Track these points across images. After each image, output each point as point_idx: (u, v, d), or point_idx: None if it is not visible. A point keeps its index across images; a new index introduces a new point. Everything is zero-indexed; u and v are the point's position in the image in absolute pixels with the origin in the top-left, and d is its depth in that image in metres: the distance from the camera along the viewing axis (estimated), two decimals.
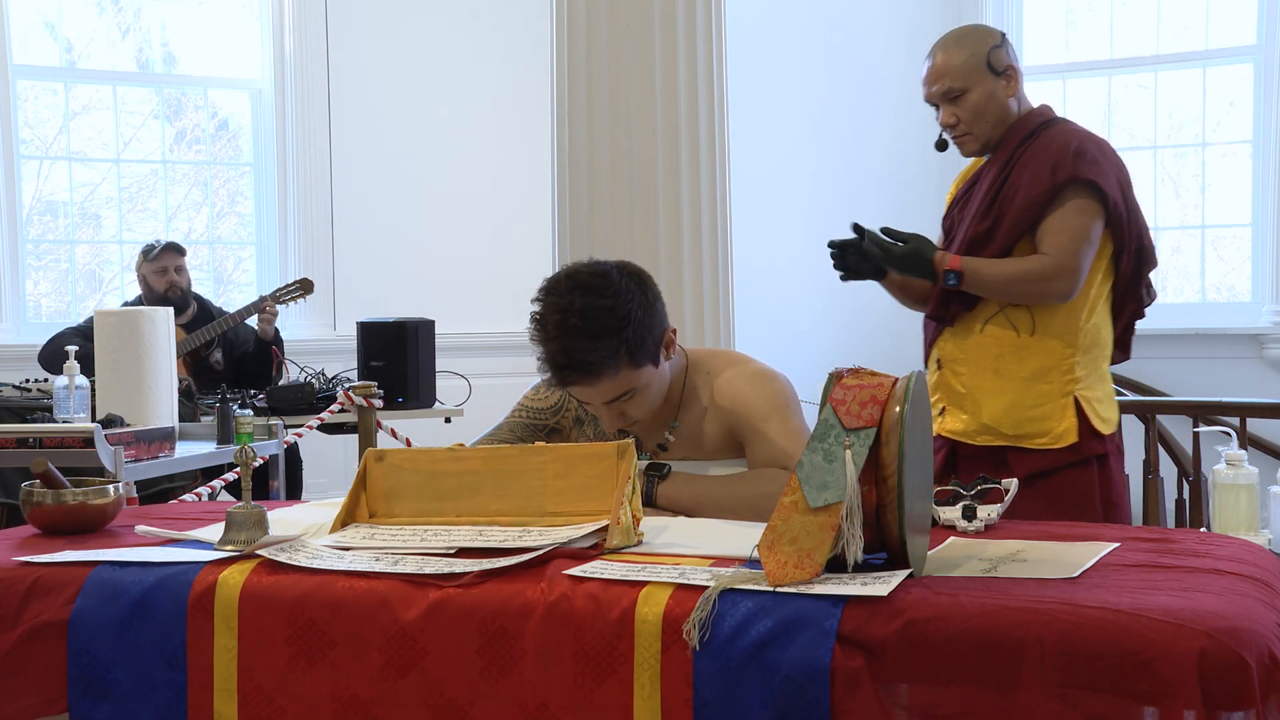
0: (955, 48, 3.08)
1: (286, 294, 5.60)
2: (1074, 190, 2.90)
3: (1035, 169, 2.94)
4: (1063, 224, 2.90)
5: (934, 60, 3.08)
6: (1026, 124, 3.04)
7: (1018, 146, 3.01)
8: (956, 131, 3.05)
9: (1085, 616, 1.53)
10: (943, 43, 3.11)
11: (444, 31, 7.07)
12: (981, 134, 3.04)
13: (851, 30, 7.11)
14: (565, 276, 2.20)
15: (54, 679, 1.88)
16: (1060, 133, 3.00)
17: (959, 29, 3.16)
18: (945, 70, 3.04)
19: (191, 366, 5.48)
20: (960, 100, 3.02)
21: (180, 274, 5.59)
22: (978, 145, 3.06)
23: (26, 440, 3.33)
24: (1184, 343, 6.81)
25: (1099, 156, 2.95)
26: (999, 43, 3.09)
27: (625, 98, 4.83)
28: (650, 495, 2.23)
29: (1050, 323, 2.95)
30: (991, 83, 3.03)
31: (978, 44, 3.07)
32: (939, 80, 3.04)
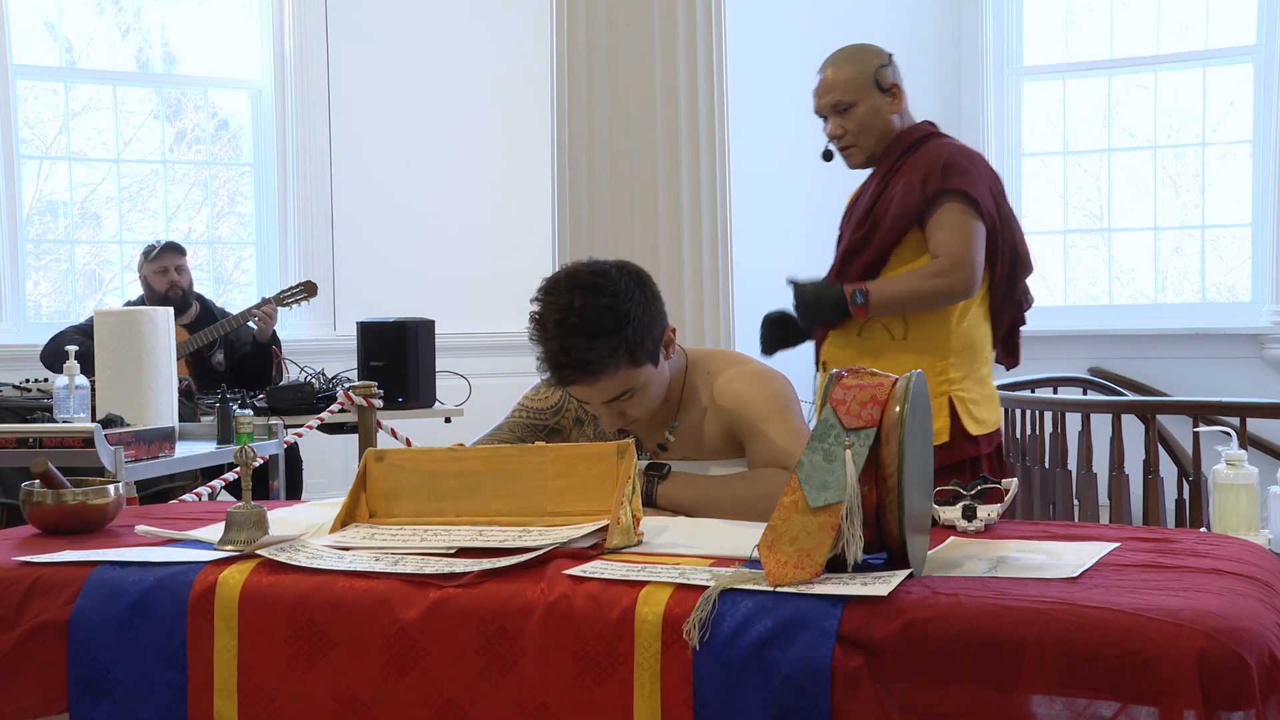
0: (845, 64, 3.21)
1: (290, 296, 5.60)
2: (947, 199, 3.07)
3: (908, 180, 3.11)
4: (947, 225, 3.07)
5: (824, 74, 3.22)
6: (907, 138, 3.21)
7: (897, 159, 3.18)
8: (843, 143, 3.22)
9: (1085, 616, 1.53)
10: (833, 58, 3.25)
11: (444, 31, 7.07)
12: (866, 147, 3.21)
13: (851, 30, 7.08)
14: (565, 276, 2.20)
15: (54, 679, 1.88)
16: (934, 146, 3.17)
17: (850, 46, 3.28)
18: (834, 84, 3.19)
19: (193, 367, 5.48)
20: (848, 113, 3.19)
21: (181, 274, 5.58)
22: (863, 158, 3.23)
23: (26, 440, 3.33)
24: (1184, 343, 6.81)
25: (969, 167, 3.12)
26: (886, 62, 3.23)
27: (625, 98, 4.83)
28: (650, 495, 2.23)
29: (922, 327, 3.11)
30: (877, 99, 3.18)
31: (866, 61, 3.21)
32: (828, 93, 3.20)
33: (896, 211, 3.10)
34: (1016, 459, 5.54)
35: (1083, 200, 7.35)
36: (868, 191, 3.24)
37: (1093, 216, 7.34)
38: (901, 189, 3.11)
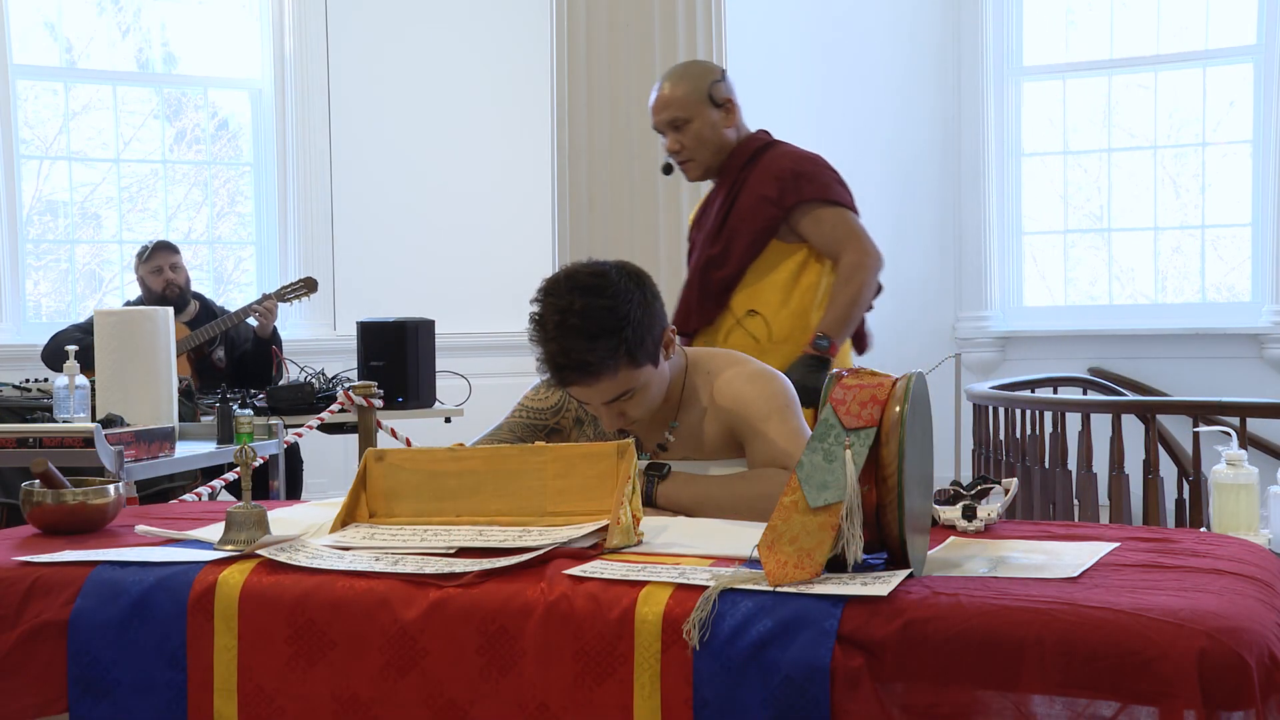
0: (680, 80, 3.30)
1: (291, 292, 5.60)
2: (808, 208, 3.24)
3: (761, 194, 3.24)
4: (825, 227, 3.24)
5: (660, 91, 3.31)
6: (745, 150, 3.32)
7: (740, 172, 3.29)
8: (681, 158, 3.32)
9: (1085, 616, 1.53)
10: (669, 75, 3.34)
11: (444, 31, 7.07)
12: (703, 161, 3.31)
13: (851, 30, 7.11)
14: (564, 277, 2.20)
15: (54, 679, 1.88)
16: (776, 157, 3.30)
17: (684, 63, 3.42)
18: (670, 101, 3.28)
19: (195, 364, 5.48)
20: (684, 129, 3.28)
21: (176, 271, 5.58)
22: (700, 171, 3.34)
23: (26, 440, 3.32)
24: (1184, 343, 6.82)
25: (817, 172, 3.30)
26: (719, 77, 3.32)
27: (625, 98, 4.83)
28: (650, 495, 2.23)
29: (782, 328, 3.25)
30: (712, 114, 3.28)
31: (700, 78, 3.30)
32: (665, 110, 3.29)
33: (752, 226, 3.23)
34: (1016, 459, 5.54)
35: (1083, 200, 7.35)
36: (715, 204, 3.33)
37: (1093, 216, 7.34)
38: (755, 203, 3.23)
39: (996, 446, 5.74)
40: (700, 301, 3.28)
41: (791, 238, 3.27)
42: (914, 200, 7.26)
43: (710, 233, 3.29)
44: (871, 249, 3.28)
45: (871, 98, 7.15)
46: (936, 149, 7.26)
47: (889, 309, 7.17)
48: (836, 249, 3.26)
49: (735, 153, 3.33)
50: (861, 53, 7.12)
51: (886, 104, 7.19)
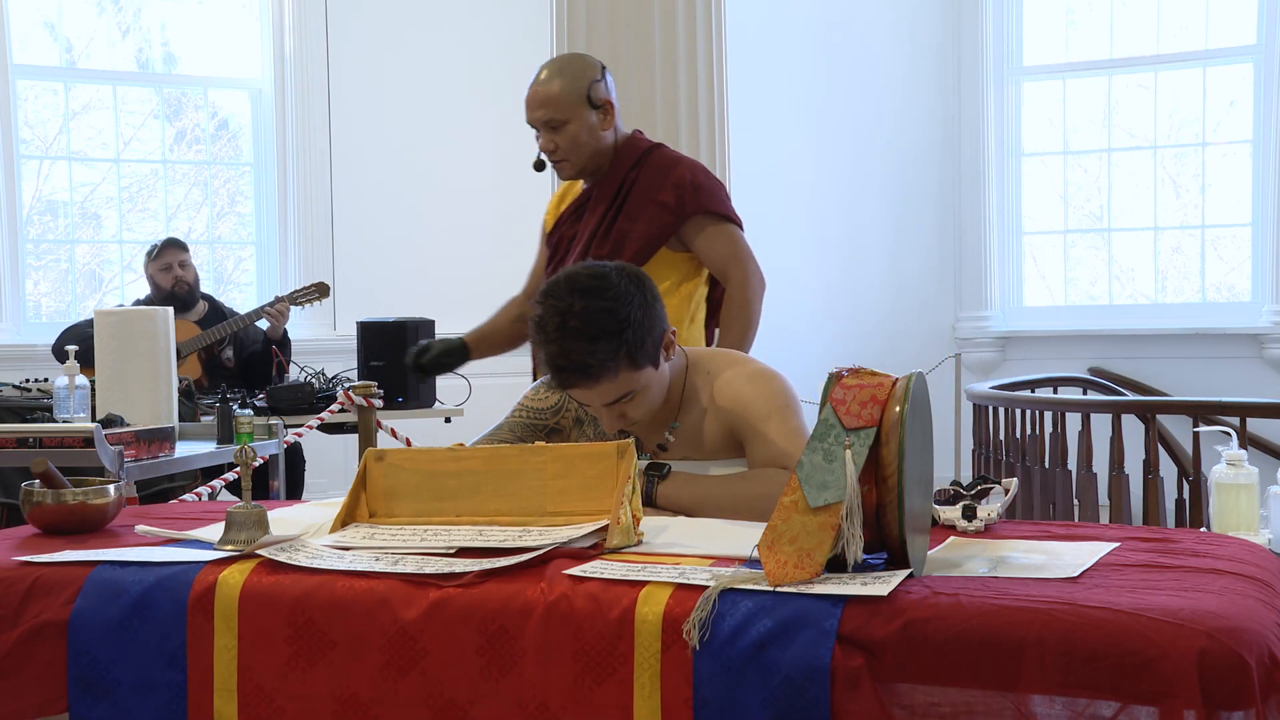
0: (558, 78, 3.16)
1: (303, 296, 5.62)
2: (705, 220, 3.16)
3: (657, 199, 3.15)
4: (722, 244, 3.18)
5: (537, 87, 3.17)
6: (630, 152, 3.21)
7: (628, 173, 3.19)
8: (555, 157, 3.19)
9: (1085, 616, 1.53)
10: (547, 69, 3.19)
11: (444, 31, 7.07)
12: (578, 162, 3.18)
13: (852, 31, 7.12)
14: (564, 279, 2.20)
15: (54, 679, 1.88)
16: (671, 162, 3.21)
17: (564, 57, 3.27)
18: (547, 100, 3.15)
19: (205, 363, 5.51)
20: (560, 130, 3.14)
21: (185, 269, 5.62)
22: (574, 171, 3.21)
23: (26, 440, 3.32)
24: (1184, 343, 6.82)
25: (715, 186, 3.22)
26: (599, 76, 3.18)
27: (625, 98, 4.82)
28: (650, 495, 2.23)
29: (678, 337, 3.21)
30: (590, 116, 3.15)
31: (578, 77, 3.16)
32: (541, 108, 3.16)
33: (646, 231, 3.14)
34: (1016, 459, 5.54)
35: (1083, 200, 7.35)
36: (599, 205, 3.21)
37: (1093, 216, 7.34)
38: (650, 209, 3.14)
39: (996, 446, 5.74)
40: None
41: (678, 246, 3.19)
42: (914, 200, 7.26)
43: (597, 235, 3.18)
44: (758, 272, 3.21)
45: (871, 98, 7.16)
46: (936, 149, 7.26)
47: (889, 309, 7.23)
48: (725, 268, 3.18)
49: (619, 154, 3.21)
50: (861, 53, 7.12)
51: (886, 104, 7.19)
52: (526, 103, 3.19)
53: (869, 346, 6.82)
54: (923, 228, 7.27)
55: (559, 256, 3.28)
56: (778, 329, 6.56)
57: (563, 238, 3.30)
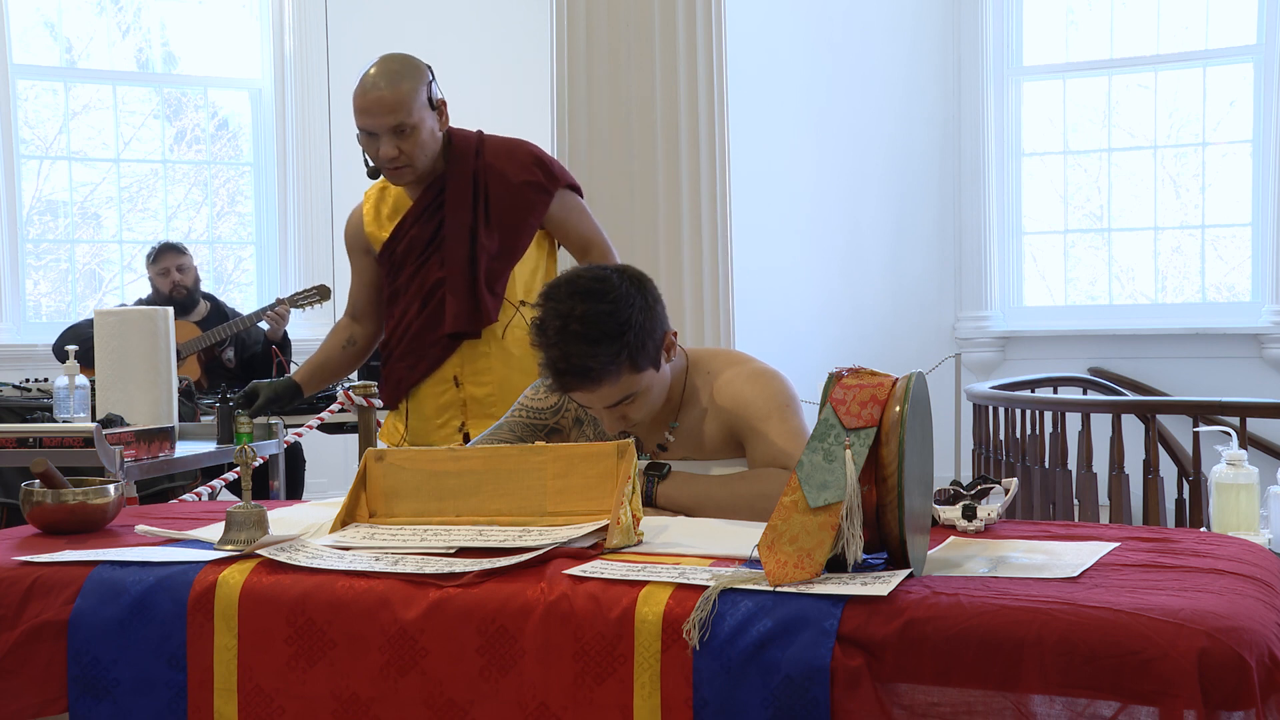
0: (402, 82, 2.99)
1: (304, 299, 5.63)
2: (566, 194, 3.17)
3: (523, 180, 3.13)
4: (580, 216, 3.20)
5: (381, 93, 2.98)
6: (464, 144, 3.15)
7: (474, 163, 3.13)
8: (397, 164, 3.02)
9: (1085, 616, 1.53)
10: (387, 75, 3.00)
11: (444, 31, 7.07)
12: (421, 166, 3.06)
13: (852, 30, 7.12)
14: (565, 281, 2.19)
15: (54, 679, 1.88)
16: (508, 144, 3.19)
17: (393, 59, 3.06)
18: (397, 105, 2.97)
19: (205, 364, 5.52)
20: (408, 135, 2.99)
21: (184, 273, 5.63)
22: (414, 176, 3.07)
23: (26, 440, 3.33)
24: (1184, 343, 6.82)
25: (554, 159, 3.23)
26: (431, 77, 3.09)
27: (625, 98, 4.83)
28: (650, 495, 2.23)
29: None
30: (431, 118, 3.05)
31: (418, 79, 3.03)
32: (390, 114, 2.97)
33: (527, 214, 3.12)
34: (1016, 459, 5.54)
35: (1083, 200, 7.35)
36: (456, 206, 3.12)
37: (1093, 216, 7.34)
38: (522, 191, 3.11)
39: (996, 446, 5.74)
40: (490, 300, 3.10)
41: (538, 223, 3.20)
42: (914, 200, 7.26)
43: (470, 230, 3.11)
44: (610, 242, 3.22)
45: (872, 98, 7.16)
46: (936, 149, 7.26)
47: (889, 309, 7.23)
48: (588, 239, 3.18)
49: (457, 148, 3.13)
50: (862, 53, 7.13)
51: (887, 104, 7.20)
52: (366, 109, 2.99)
53: (869, 346, 6.82)
54: (923, 228, 7.27)
55: (407, 269, 3.15)
56: (778, 329, 6.58)
57: (408, 249, 3.16)
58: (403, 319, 3.16)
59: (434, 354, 3.13)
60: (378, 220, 3.22)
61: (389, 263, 3.18)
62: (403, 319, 3.16)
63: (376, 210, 3.23)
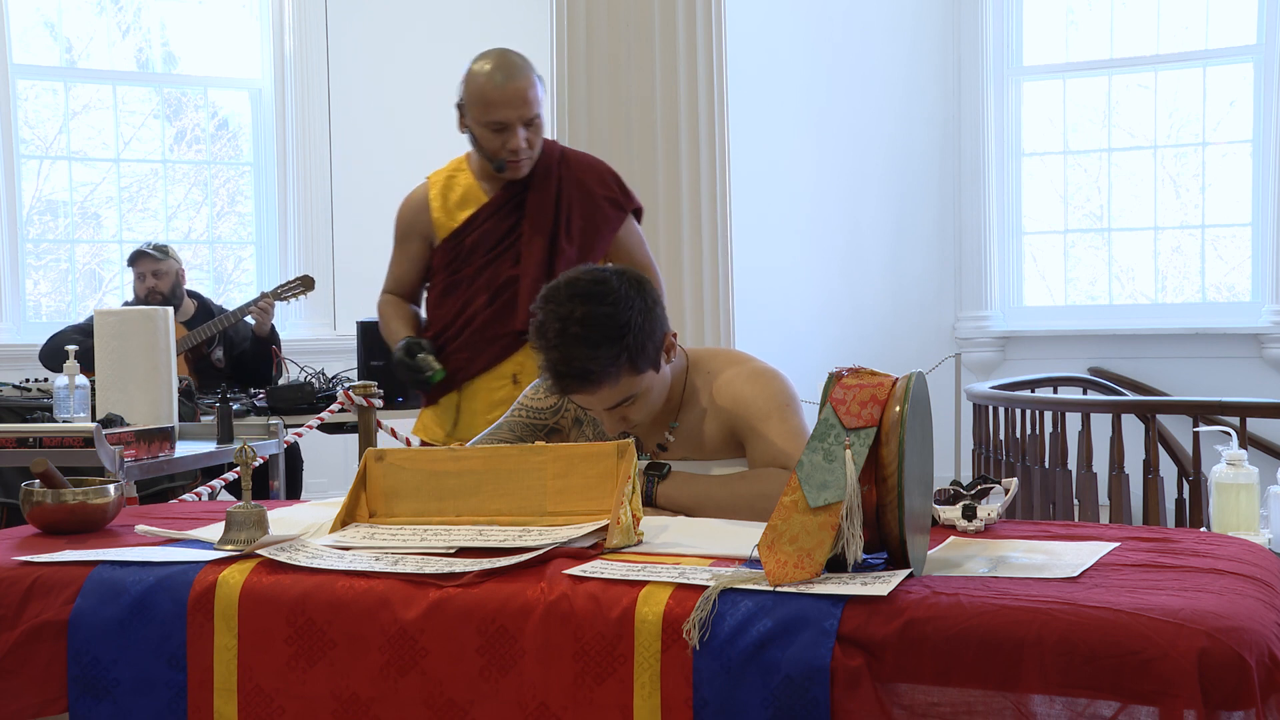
0: (530, 73, 3.09)
1: (288, 291, 5.60)
2: (631, 218, 3.25)
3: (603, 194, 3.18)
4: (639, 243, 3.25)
5: (518, 85, 3.06)
6: (550, 149, 3.21)
7: (557, 169, 3.17)
8: (522, 155, 3.10)
9: (1085, 616, 1.53)
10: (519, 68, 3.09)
11: (444, 31, 7.07)
12: (536, 157, 3.15)
13: (852, 30, 7.12)
14: (565, 284, 2.19)
15: (54, 679, 1.88)
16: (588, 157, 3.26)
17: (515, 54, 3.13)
18: (533, 97, 3.08)
19: (193, 364, 5.49)
20: (535, 125, 3.10)
21: (160, 278, 5.54)
22: (529, 168, 3.16)
23: (26, 440, 3.33)
24: (1184, 343, 6.82)
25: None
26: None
27: (625, 98, 4.83)
28: (650, 495, 2.23)
29: None
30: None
31: (535, 73, 3.15)
32: (528, 105, 3.07)
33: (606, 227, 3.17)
34: (1016, 459, 5.54)
35: (1083, 200, 7.35)
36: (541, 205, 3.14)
37: (1093, 216, 7.34)
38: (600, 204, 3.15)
39: (996, 446, 5.74)
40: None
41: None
42: (914, 200, 7.26)
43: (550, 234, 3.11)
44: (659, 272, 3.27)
45: (872, 98, 7.16)
46: (936, 149, 7.26)
47: (889, 309, 7.23)
48: (642, 264, 3.22)
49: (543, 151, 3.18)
50: (862, 53, 7.13)
51: (887, 104, 7.20)
52: (506, 100, 3.05)
53: (869, 346, 6.82)
54: (923, 228, 7.27)
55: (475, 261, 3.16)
56: (778, 329, 6.58)
57: (478, 242, 3.17)
58: (464, 311, 3.15)
59: (495, 350, 3.13)
60: (445, 208, 3.24)
61: (453, 252, 3.19)
62: (464, 311, 3.15)
63: (444, 198, 3.26)
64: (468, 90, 3.15)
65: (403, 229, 3.31)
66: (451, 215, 3.22)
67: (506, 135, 3.07)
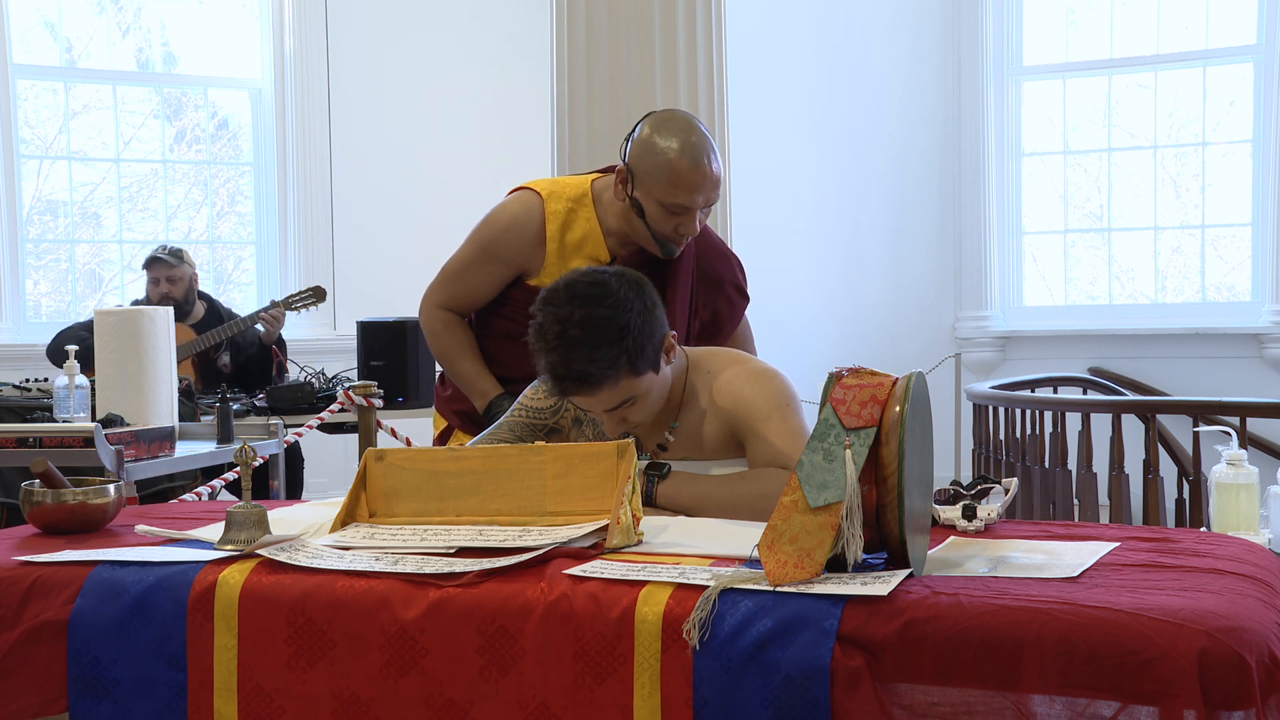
0: (716, 152, 2.80)
1: (299, 301, 5.62)
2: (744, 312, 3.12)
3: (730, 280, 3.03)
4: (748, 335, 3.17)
5: (713, 168, 2.75)
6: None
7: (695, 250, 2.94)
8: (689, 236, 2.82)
9: (1085, 616, 1.53)
10: (711, 147, 2.78)
11: (444, 31, 7.07)
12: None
13: (852, 31, 7.12)
14: (564, 286, 2.19)
15: (54, 679, 1.88)
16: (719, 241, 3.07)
17: (700, 126, 2.81)
18: (719, 182, 2.79)
19: (199, 367, 5.50)
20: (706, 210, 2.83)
21: (174, 284, 5.58)
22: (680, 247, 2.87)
23: (26, 440, 3.33)
24: (1184, 343, 6.82)
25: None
26: None
27: (625, 98, 4.83)
28: (650, 495, 2.23)
29: None
30: None
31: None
32: (714, 190, 2.78)
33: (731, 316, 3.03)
34: (1016, 459, 5.54)
35: (1083, 200, 7.35)
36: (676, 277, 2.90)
37: (1093, 216, 7.34)
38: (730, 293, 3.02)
39: (996, 446, 5.74)
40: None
41: None
42: (914, 200, 7.26)
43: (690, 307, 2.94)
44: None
45: (872, 98, 7.16)
46: (936, 149, 7.26)
47: (889, 309, 7.22)
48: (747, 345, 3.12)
49: None
50: (862, 53, 7.13)
51: (887, 104, 7.19)
52: (701, 186, 2.73)
53: (869, 346, 6.82)
54: (923, 228, 7.26)
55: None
56: (778, 329, 6.57)
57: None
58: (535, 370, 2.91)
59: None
60: (560, 247, 2.86)
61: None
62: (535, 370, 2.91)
63: (561, 235, 2.87)
64: (647, 161, 2.74)
65: (497, 248, 2.88)
66: (564, 258, 2.85)
67: (684, 219, 2.76)
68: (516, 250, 2.86)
